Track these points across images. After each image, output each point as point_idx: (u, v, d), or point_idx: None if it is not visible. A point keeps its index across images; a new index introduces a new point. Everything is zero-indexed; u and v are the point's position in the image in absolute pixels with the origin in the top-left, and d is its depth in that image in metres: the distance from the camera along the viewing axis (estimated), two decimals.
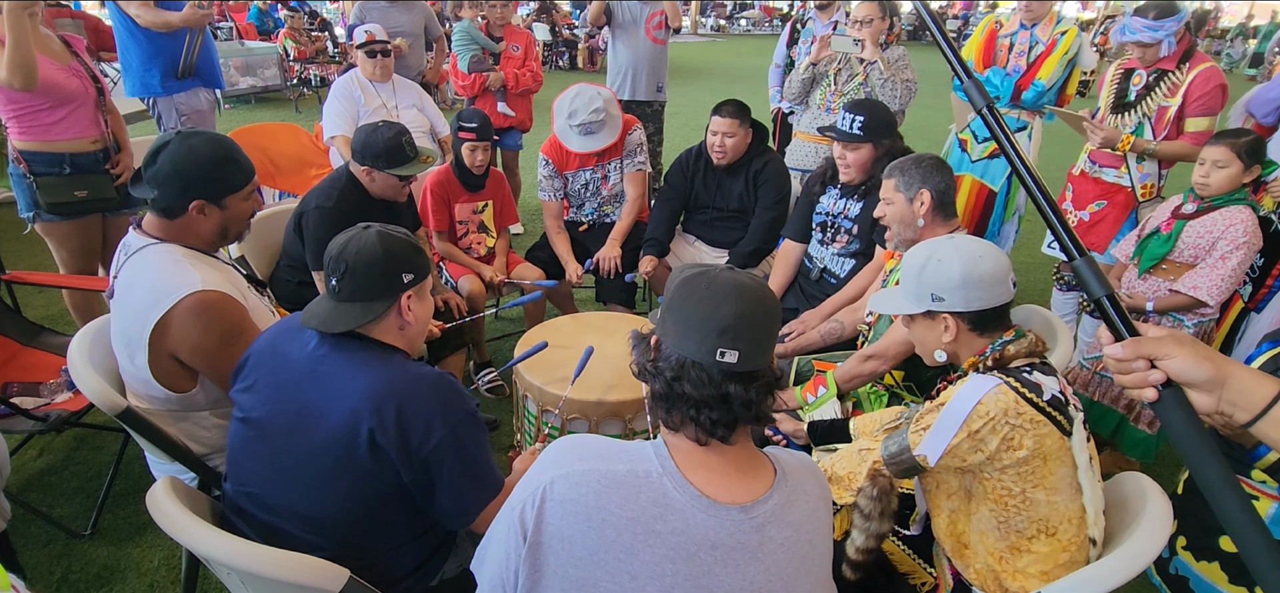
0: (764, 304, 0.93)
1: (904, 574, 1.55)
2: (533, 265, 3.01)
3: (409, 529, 1.32)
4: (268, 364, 1.32)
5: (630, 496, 0.90)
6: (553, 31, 13.90)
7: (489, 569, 0.97)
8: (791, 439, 1.82)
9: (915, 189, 1.85)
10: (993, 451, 1.23)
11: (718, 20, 24.11)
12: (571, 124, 2.88)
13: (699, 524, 0.89)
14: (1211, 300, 2.21)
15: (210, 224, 1.58)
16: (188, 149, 1.51)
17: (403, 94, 3.49)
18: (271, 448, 1.27)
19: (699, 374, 0.90)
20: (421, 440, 1.20)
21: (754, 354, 0.91)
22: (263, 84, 8.89)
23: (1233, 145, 2.19)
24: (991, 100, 0.90)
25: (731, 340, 0.89)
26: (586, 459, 0.93)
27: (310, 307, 1.31)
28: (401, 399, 1.20)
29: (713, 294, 0.91)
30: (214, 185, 1.54)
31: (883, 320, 1.99)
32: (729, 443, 0.94)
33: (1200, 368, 0.78)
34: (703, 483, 0.92)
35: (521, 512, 0.92)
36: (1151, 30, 2.59)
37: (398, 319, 1.31)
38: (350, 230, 1.31)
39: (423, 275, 1.34)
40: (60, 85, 2.43)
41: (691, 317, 0.92)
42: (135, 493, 2.26)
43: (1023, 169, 0.86)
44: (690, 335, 0.91)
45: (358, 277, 1.26)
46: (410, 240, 1.34)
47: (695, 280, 0.94)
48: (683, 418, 0.93)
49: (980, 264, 1.32)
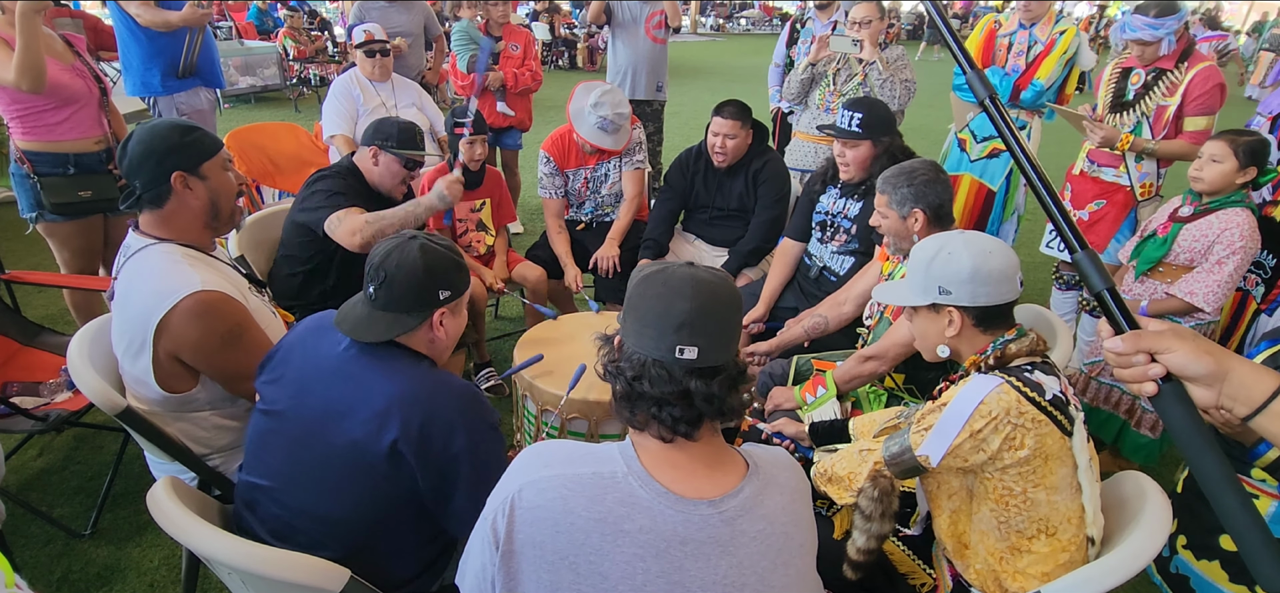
0: (721, 298, 0.93)
1: (903, 575, 1.55)
2: (534, 264, 3.01)
3: (416, 535, 1.32)
4: (296, 359, 1.32)
5: (597, 497, 0.90)
6: (552, 31, 13.89)
7: (469, 580, 0.98)
8: (797, 442, 1.81)
9: (908, 208, 1.83)
10: (995, 450, 1.23)
11: (717, 20, 24.10)
12: (594, 112, 2.88)
13: (668, 521, 0.90)
14: (1208, 307, 2.20)
15: (198, 200, 1.57)
16: (151, 130, 1.53)
17: (402, 93, 3.49)
18: (291, 443, 1.27)
19: (659, 372, 0.90)
20: (442, 449, 1.21)
21: (714, 349, 0.91)
22: (262, 83, 8.88)
23: (1232, 142, 2.18)
24: (994, 91, 0.90)
25: (689, 336, 0.89)
26: (552, 465, 0.93)
27: (345, 308, 1.31)
28: (427, 406, 1.21)
29: (668, 290, 0.91)
30: (185, 153, 1.54)
31: (882, 323, 1.99)
32: (695, 439, 0.93)
33: (1200, 362, 0.78)
34: (670, 480, 0.92)
35: (493, 521, 0.93)
36: (1152, 28, 2.59)
37: (429, 333, 1.32)
38: (394, 239, 1.31)
39: (460, 292, 1.34)
40: (65, 85, 2.43)
41: (648, 314, 0.92)
42: (135, 493, 2.26)
43: (1026, 161, 0.86)
44: (648, 333, 0.91)
45: (396, 288, 1.26)
46: (452, 255, 1.33)
47: (651, 278, 0.94)
48: (646, 417, 0.93)
49: (990, 260, 1.32)
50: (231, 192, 1.65)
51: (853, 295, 2.25)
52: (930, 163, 1.88)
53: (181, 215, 1.57)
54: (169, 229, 1.56)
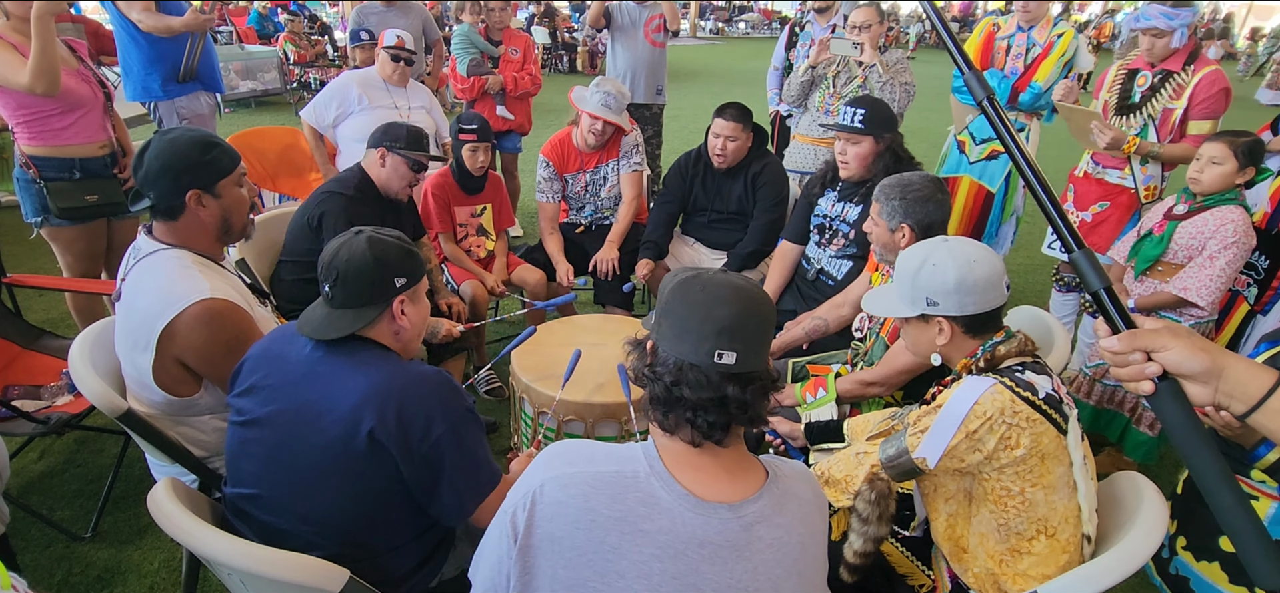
0: (759, 305, 0.94)
1: (902, 576, 1.55)
2: (533, 268, 3.02)
3: (409, 529, 1.33)
4: (264, 367, 1.33)
5: (618, 495, 0.91)
6: (552, 34, 13.92)
7: (483, 573, 0.98)
8: (788, 441, 1.81)
9: (897, 222, 1.83)
10: (990, 450, 1.24)
11: (717, 23, 24.14)
12: (597, 90, 2.93)
13: (686, 523, 0.90)
14: (1201, 301, 2.19)
15: (211, 216, 1.59)
16: (170, 143, 1.52)
17: (414, 96, 3.53)
18: (270, 448, 1.28)
19: (697, 376, 0.90)
20: (422, 437, 1.21)
21: (751, 355, 0.91)
22: (263, 88, 8.91)
23: (1231, 143, 2.19)
24: (992, 91, 0.90)
25: (728, 341, 0.90)
26: (576, 462, 0.94)
27: (305, 314, 1.32)
28: (402, 397, 1.21)
29: (708, 296, 0.92)
30: (203, 171, 1.55)
31: (878, 342, 1.98)
32: (723, 445, 0.94)
33: (1196, 359, 0.78)
34: (691, 483, 0.93)
35: (513, 515, 0.93)
36: (1167, 17, 2.55)
37: (392, 324, 1.33)
38: (342, 237, 1.32)
39: (416, 279, 1.34)
40: (71, 90, 2.43)
41: (688, 319, 0.92)
42: (136, 495, 2.27)
43: (1023, 162, 0.86)
44: (687, 338, 0.91)
45: (350, 284, 1.27)
46: (401, 244, 1.34)
47: (690, 283, 0.94)
48: (679, 421, 0.94)
49: (975, 269, 1.32)
50: (244, 207, 1.66)
51: (852, 299, 2.25)
52: (930, 178, 1.87)
53: (193, 228, 1.58)
54: (180, 238, 1.58)
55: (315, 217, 2.32)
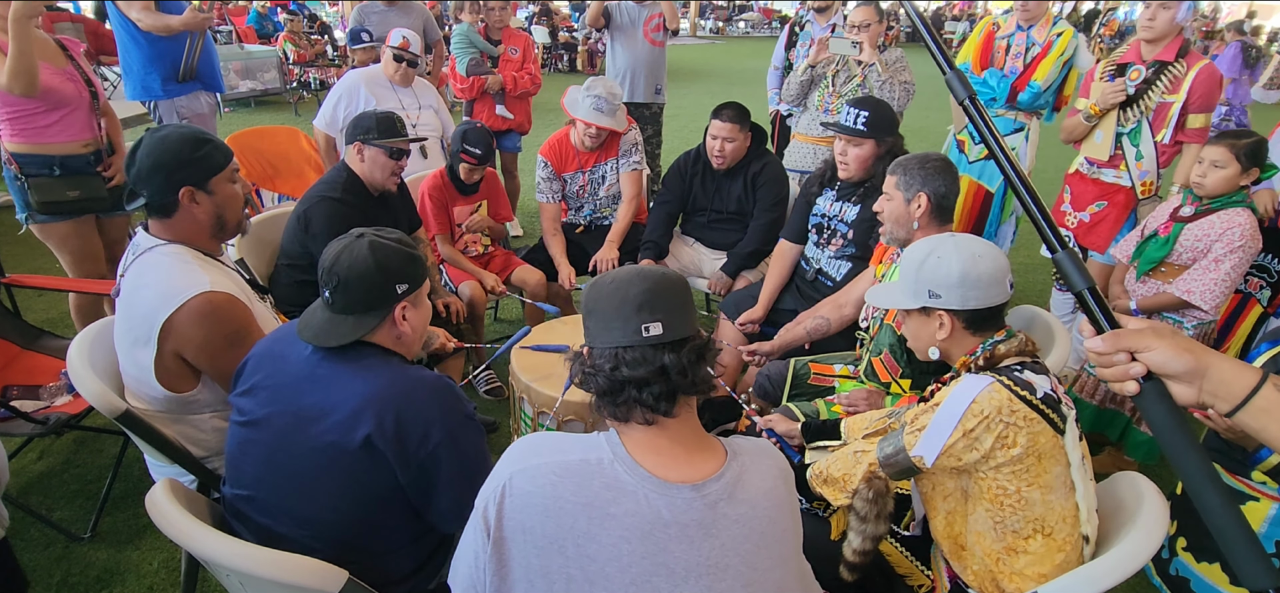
0: (668, 277, 1.02)
1: (901, 575, 1.55)
2: (533, 268, 3.02)
3: (406, 533, 1.32)
4: (266, 368, 1.32)
5: (583, 482, 0.94)
6: (552, 34, 13.92)
7: (461, 571, 1.01)
8: (784, 441, 1.81)
9: (914, 191, 1.85)
10: (987, 449, 1.23)
11: (716, 22, 24.14)
12: (588, 93, 2.92)
13: (652, 504, 0.93)
14: (1205, 305, 2.18)
15: (205, 212, 1.59)
16: (161, 141, 1.52)
17: (423, 95, 3.53)
18: (269, 450, 1.28)
19: (633, 355, 0.96)
20: (419, 444, 1.21)
21: (676, 322, 0.97)
22: (262, 87, 8.91)
23: (1232, 146, 2.18)
24: (973, 92, 0.92)
25: (650, 313, 0.96)
26: (542, 453, 0.97)
27: (305, 317, 1.31)
28: (400, 403, 1.21)
29: (619, 284, 0.99)
30: (195, 168, 1.54)
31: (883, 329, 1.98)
32: (674, 416, 0.98)
33: (1180, 360, 0.79)
34: (654, 466, 0.96)
35: (485, 510, 0.96)
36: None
37: (393, 329, 1.32)
38: (343, 239, 1.30)
39: (418, 284, 1.33)
40: (55, 89, 2.44)
41: (609, 309, 0.98)
42: (135, 496, 2.27)
43: (1004, 159, 0.88)
44: (614, 325, 0.97)
45: (351, 290, 1.26)
46: (404, 248, 1.33)
47: (599, 282, 1.03)
48: (629, 404, 0.97)
49: (979, 264, 1.33)
50: (238, 203, 1.66)
51: (854, 297, 2.25)
52: (944, 156, 1.92)
53: (188, 224, 1.58)
54: (176, 235, 1.58)
55: (304, 221, 2.32)
